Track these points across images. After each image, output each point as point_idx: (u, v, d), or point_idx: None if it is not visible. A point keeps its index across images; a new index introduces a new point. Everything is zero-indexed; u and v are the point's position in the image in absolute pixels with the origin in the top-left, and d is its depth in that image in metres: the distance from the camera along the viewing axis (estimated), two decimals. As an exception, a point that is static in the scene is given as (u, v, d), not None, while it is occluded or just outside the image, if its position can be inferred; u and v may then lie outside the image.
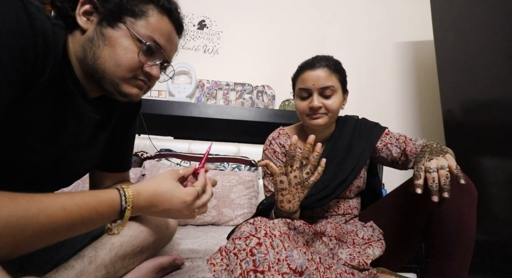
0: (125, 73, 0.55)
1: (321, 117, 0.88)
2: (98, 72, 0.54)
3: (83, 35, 0.53)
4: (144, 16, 0.55)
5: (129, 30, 0.53)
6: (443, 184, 0.63)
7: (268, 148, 0.99)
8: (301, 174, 0.67)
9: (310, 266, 0.57)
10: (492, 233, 1.22)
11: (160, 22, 0.56)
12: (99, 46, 0.52)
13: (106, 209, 0.49)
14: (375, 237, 0.82)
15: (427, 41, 1.99)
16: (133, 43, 0.54)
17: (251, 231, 0.58)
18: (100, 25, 0.53)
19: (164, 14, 0.57)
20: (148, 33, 0.55)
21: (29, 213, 0.38)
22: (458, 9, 1.48)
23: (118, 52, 0.53)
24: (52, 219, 0.40)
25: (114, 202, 0.50)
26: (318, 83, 0.86)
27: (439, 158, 0.69)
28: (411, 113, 2.07)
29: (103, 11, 0.53)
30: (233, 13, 2.06)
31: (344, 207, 0.92)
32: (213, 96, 1.90)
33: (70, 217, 0.43)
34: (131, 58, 0.54)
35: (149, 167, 1.49)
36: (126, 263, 0.66)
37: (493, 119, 1.27)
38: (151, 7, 0.56)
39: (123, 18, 0.53)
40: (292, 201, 0.70)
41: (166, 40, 0.58)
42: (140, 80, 0.57)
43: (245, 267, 0.52)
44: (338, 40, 2.11)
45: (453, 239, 0.73)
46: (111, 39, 0.53)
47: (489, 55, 1.28)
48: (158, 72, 0.59)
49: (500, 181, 1.21)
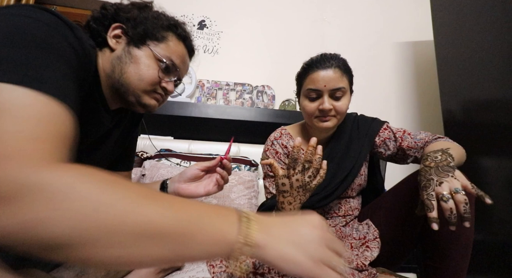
0: (146, 86, 0.64)
1: (330, 119, 0.85)
2: (123, 85, 0.63)
3: (112, 53, 0.63)
4: (164, 40, 0.66)
5: (152, 51, 0.64)
6: (463, 212, 0.54)
7: (270, 148, 0.97)
8: (303, 178, 0.65)
9: (310, 266, 0.57)
10: (492, 233, 1.22)
11: (177, 47, 0.68)
12: (126, 63, 0.62)
13: (215, 213, 0.37)
14: (371, 236, 0.81)
15: (427, 41, 1.99)
16: (155, 62, 0.64)
17: None
18: (128, 46, 0.63)
19: (180, 40, 0.69)
20: (167, 55, 0.65)
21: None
22: (458, 9, 1.48)
23: (141, 68, 0.63)
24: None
25: (226, 209, 0.39)
26: (329, 84, 0.82)
27: (449, 179, 0.59)
28: (411, 113, 2.08)
29: (132, 35, 0.63)
30: (233, 13, 2.06)
31: (345, 208, 0.91)
32: (213, 96, 1.90)
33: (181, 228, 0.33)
34: (152, 74, 0.64)
35: (149, 167, 1.49)
36: (126, 264, 0.66)
37: (493, 119, 1.27)
38: (170, 34, 0.67)
39: (147, 41, 0.64)
40: (293, 203, 0.68)
41: (181, 61, 0.69)
42: (157, 94, 0.67)
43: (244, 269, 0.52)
44: (338, 40, 2.11)
45: (451, 241, 0.72)
46: (136, 58, 0.63)
47: (489, 55, 1.28)
48: (173, 87, 0.70)
49: (500, 181, 1.21)
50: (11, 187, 0.27)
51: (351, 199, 0.93)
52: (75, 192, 0.29)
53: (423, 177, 0.64)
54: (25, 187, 0.27)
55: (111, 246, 0.29)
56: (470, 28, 1.39)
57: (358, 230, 0.86)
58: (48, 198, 0.28)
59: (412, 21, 2.13)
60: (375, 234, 0.81)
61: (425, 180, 0.62)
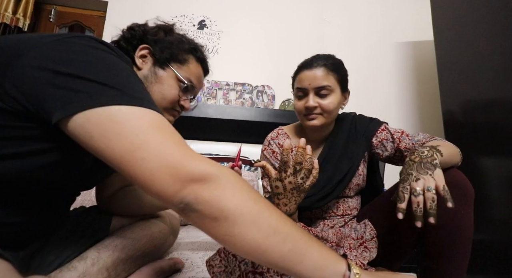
0: (168, 104, 0.69)
1: (316, 117, 0.86)
2: None
3: (139, 72, 0.68)
4: (186, 63, 0.71)
5: (175, 73, 0.69)
6: (428, 208, 0.59)
7: (267, 148, 0.97)
8: (295, 179, 0.65)
9: (310, 267, 0.57)
10: (492, 233, 1.22)
11: (196, 68, 0.74)
12: (152, 82, 0.67)
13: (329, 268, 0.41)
14: (368, 235, 0.80)
15: (427, 41, 1.99)
16: (176, 82, 0.69)
17: None
18: (154, 67, 0.68)
19: (199, 63, 0.75)
20: (188, 76, 0.71)
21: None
22: (458, 9, 1.48)
23: (165, 88, 0.68)
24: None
25: (338, 266, 0.42)
26: (313, 82, 0.85)
27: (426, 176, 0.63)
28: (411, 113, 2.08)
29: (158, 57, 0.68)
30: (233, 13, 2.06)
31: (343, 208, 0.91)
32: (213, 96, 1.90)
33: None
34: (173, 94, 0.69)
35: (149, 167, 1.49)
36: (128, 266, 0.66)
37: (493, 119, 1.27)
38: (191, 56, 0.73)
39: (171, 63, 0.69)
40: (288, 204, 0.68)
41: (198, 82, 0.75)
42: (175, 111, 0.73)
43: (243, 269, 0.52)
44: (338, 40, 2.11)
45: (449, 241, 0.72)
46: (161, 78, 0.68)
47: (489, 55, 1.28)
48: (189, 105, 0.75)
49: (500, 181, 1.22)
50: (205, 173, 0.39)
51: (350, 198, 0.93)
52: (240, 182, 0.42)
53: (404, 170, 0.67)
54: (212, 174, 0.40)
55: (258, 231, 0.39)
56: (470, 28, 1.39)
57: (356, 230, 0.85)
58: (226, 181, 0.41)
59: (412, 21, 2.13)
60: (372, 234, 0.80)
61: (405, 173, 0.66)
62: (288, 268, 0.40)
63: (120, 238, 0.67)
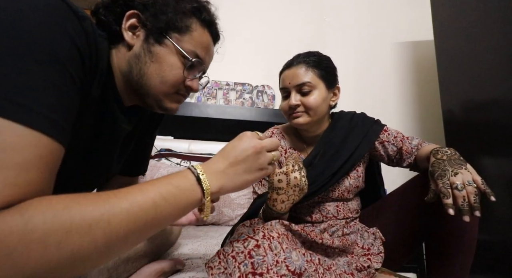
0: (169, 89, 0.56)
1: (301, 115, 0.85)
2: (143, 88, 0.55)
3: (129, 51, 0.54)
4: (188, 31, 0.55)
5: (176, 47, 0.54)
6: (473, 202, 0.59)
7: None
8: (300, 176, 0.65)
9: (309, 267, 0.56)
10: (492, 233, 1.22)
11: (202, 36, 0.58)
12: (146, 63, 0.53)
13: (179, 180, 0.44)
14: (375, 249, 0.79)
15: (427, 41, 1.99)
16: (179, 59, 0.55)
17: (249, 233, 0.58)
18: (147, 42, 0.53)
19: (205, 27, 0.58)
20: (192, 48, 0.56)
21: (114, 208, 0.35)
22: (458, 9, 1.47)
23: (164, 69, 0.54)
24: (136, 206, 0.37)
25: (183, 173, 0.46)
26: (293, 81, 0.84)
27: (463, 171, 0.64)
28: (411, 113, 2.08)
29: (150, 27, 0.53)
30: (233, 13, 2.06)
31: (343, 211, 0.90)
32: (213, 96, 1.90)
33: (151, 198, 0.39)
34: (176, 74, 0.55)
35: (149, 167, 1.49)
36: (128, 267, 0.66)
37: (493, 119, 1.27)
38: (194, 20, 0.56)
39: (169, 34, 0.54)
40: (286, 202, 0.67)
41: (206, 53, 0.59)
42: (180, 95, 0.60)
43: (243, 270, 0.52)
44: (338, 40, 2.10)
45: (454, 239, 0.72)
46: (158, 56, 0.53)
47: (489, 55, 1.28)
48: (198, 85, 0.61)
49: (500, 181, 1.22)
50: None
51: (349, 201, 0.92)
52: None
53: (436, 167, 0.67)
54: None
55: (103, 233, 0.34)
56: (470, 28, 1.39)
57: (363, 238, 0.84)
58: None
59: (412, 21, 2.13)
60: (380, 249, 0.80)
61: (439, 170, 0.66)
62: (155, 225, 0.40)
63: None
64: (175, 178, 0.44)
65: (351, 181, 0.89)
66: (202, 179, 0.45)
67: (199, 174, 0.45)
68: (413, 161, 0.88)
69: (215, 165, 0.48)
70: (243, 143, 0.51)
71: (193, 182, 0.45)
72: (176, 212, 0.42)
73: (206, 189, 0.45)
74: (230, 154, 0.50)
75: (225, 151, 0.51)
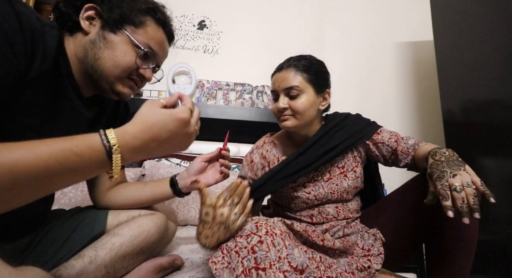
0: (121, 73, 0.61)
1: (288, 119, 0.85)
2: (96, 71, 0.60)
3: (85, 37, 0.59)
4: (143, 26, 0.62)
5: (129, 37, 0.60)
6: (472, 204, 0.59)
7: (248, 155, 0.97)
8: (229, 213, 0.61)
9: (310, 264, 0.57)
10: (492, 233, 1.21)
11: (156, 32, 0.64)
12: (100, 48, 0.59)
13: (86, 150, 0.42)
14: (375, 250, 0.79)
15: (427, 41, 1.99)
16: (132, 48, 0.60)
17: (252, 229, 0.58)
18: (102, 30, 0.59)
19: (159, 26, 0.65)
20: (145, 41, 0.62)
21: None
22: (458, 9, 1.48)
23: (117, 54, 0.59)
24: (23, 166, 0.36)
25: (92, 142, 0.43)
26: (282, 84, 0.84)
27: (461, 172, 0.63)
28: (411, 113, 2.07)
29: (107, 18, 0.59)
30: (232, 13, 2.06)
31: (344, 212, 0.90)
32: (213, 97, 1.90)
33: (42, 161, 0.38)
34: (129, 61, 0.60)
35: (149, 167, 1.49)
36: (126, 263, 0.66)
37: (493, 119, 1.27)
38: (149, 18, 0.63)
39: (124, 26, 0.60)
40: (209, 238, 0.62)
41: (160, 47, 0.66)
42: (132, 81, 0.64)
43: (246, 265, 0.52)
44: (338, 40, 2.11)
45: (454, 239, 0.72)
46: (112, 43, 0.59)
47: (489, 55, 1.28)
48: (151, 75, 0.67)
49: (500, 181, 1.21)
50: None
51: (349, 202, 0.92)
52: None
53: (435, 169, 0.66)
54: None
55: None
56: (470, 28, 1.39)
57: (363, 239, 0.84)
58: None
59: (412, 21, 2.13)
60: (380, 250, 0.79)
61: (437, 171, 0.65)
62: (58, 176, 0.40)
63: (117, 235, 0.67)
64: (80, 144, 0.42)
65: (349, 181, 0.89)
66: (114, 159, 0.44)
67: (113, 151, 0.43)
68: (410, 161, 0.88)
69: (135, 142, 0.46)
70: (168, 123, 0.49)
71: (102, 157, 0.43)
72: (70, 178, 0.42)
73: (115, 167, 0.44)
74: (155, 131, 0.48)
75: (148, 124, 0.48)
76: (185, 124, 0.50)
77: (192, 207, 1.32)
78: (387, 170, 1.25)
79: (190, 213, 1.33)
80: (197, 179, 0.77)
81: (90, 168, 0.43)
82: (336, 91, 2.02)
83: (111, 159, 0.43)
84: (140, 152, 0.48)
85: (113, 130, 0.45)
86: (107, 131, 0.45)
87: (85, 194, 1.25)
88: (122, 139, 0.45)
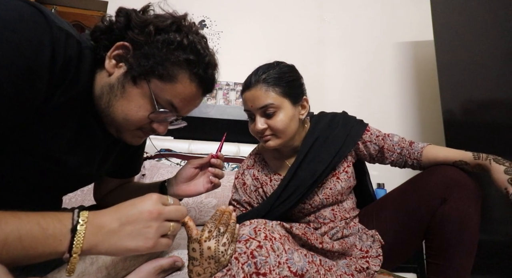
0: (131, 127, 0.56)
1: (271, 139, 0.80)
2: (107, 117, 0.55)
3: (107, 78, 0.53)
4: (172, 81, 0.53)
5: (151, 91, 0.52)
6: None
7: (239, 177, 0.93)
8: (217, 246, 0.55)
9: (310, 268, 0.56)
10: (492, 233, 1.22)
11: (186, 89, 0.55)
12: (116, 96, 0.52)
13: (52, 222, 0.39)
14: (374, 252, 0.79)
15: (427, 41, 1.99)
16: (149, 102, 0.53)
17: (250, 233, 0.57)
18: (124, 77, 0.52)
19: (193, 81, 0.56)
20: (168, 98, 0.54)
21: None
22: (458, 9, 1.48)
23: (131, 108, 0.53)
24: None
25: (62, 215, 0.41)
26: (255, 104, 0.78)
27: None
28: (411, 113, 2.08)
29: (134, 66, 0.52)
30: (233, 13, 2.06)
31: (340, 213, 0.89)
32: (213, 96, 1.90)
33: (5, 233, 0.35)
34: (141, 117, 0.54)
35: (149, 167, 1.49)
36: (127, 265, 0.66)
37: (493, 119, 1.27)
38: (183, 72, 0.54)
39: (149, 78, 0.52)
40: (202, 274, 0.57)
41: (186, 103, 0.57)
42: (143, 132, 0.59)
43: (247, 270, 0.52)
44: (338, 40, 2.11)
45: (455, 239, 0.72)
46: (129, 95, 0.52)
47: (489, 55, 1.28)
48: (165, 129, 0.60)
49: (500, 181, 1.21)
50: None
51: (343, 202, 0.92)
52: None
53: (509, 174, 0.71)
54: None
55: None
56: (470, 28, 1.39)
57: (361, 240, 0.84)
58: None
59: (412, 21, 2.13)
60: (379, 251, 0.79)
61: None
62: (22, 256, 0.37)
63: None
64: (49, 218, 0.39)
65: (342, 183, 0.88)
66: (78, 230, 0.39)
67: (78, 223, 0.40)
68: (396, 158, 0.89)
69: (102, 218, 0.43)
70: (142, 204, 0.45)
71: (65, 231, 0.39)
72: (27, 257, 0.37)
73: (77, 244, 0.39)
74: (123, 211, 0.44)
75: (123, 206, 0.46)
76: (156, 212, 0.46)
77: (192, 207, 1.32)
78: (388, 170, 1.25)
79: (190, 213, 1.33)
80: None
81: (49, 244, 0.38)
82: (336, 91, 2.03)
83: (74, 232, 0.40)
84: (103, 229, 0.42)
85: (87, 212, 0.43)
86: (80, 210, 0.42)
87: (85, 193, 1.25)
88: (92, 216, 0.42)
